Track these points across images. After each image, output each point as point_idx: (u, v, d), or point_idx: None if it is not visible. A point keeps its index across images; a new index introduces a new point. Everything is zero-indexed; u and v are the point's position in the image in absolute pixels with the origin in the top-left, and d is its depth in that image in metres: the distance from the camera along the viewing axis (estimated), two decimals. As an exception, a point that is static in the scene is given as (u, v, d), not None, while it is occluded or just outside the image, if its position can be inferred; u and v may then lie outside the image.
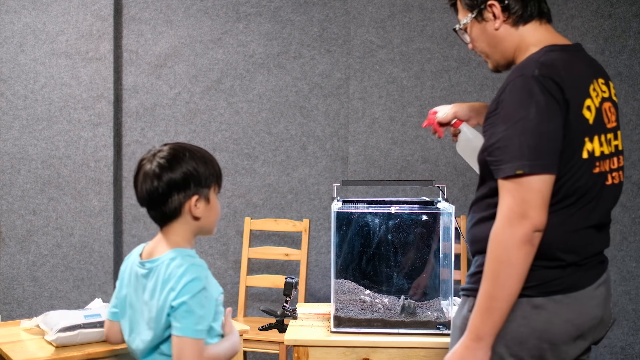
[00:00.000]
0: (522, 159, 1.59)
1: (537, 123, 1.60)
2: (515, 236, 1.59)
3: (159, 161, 1.82)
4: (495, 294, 1.61)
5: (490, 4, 1.78)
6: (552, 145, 1.61)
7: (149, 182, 1.81)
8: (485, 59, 1.90)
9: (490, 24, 1.80)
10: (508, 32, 1.79)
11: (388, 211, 2.45)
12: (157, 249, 1.88)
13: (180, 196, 1.81)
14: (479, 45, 1.86)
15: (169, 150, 1.84)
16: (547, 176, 1.60)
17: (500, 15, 1.78)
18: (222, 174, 1.93)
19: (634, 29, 3.62)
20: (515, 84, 1.65)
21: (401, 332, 2.30)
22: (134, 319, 1.89)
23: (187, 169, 1.82)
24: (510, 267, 1.60)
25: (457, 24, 1.87)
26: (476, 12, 1.80)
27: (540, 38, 1.77)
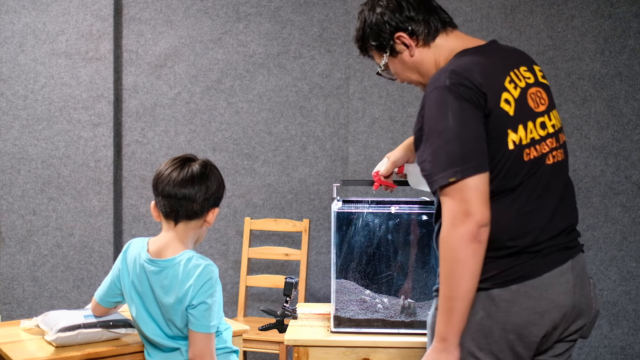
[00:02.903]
0: (452, 166, 1.64)
1: (458, 129, 1.65)
2: (461, 235, 1.62)
3: (210, 166, 2.06)
4: (451, 294, 1.65)
5: (398, 36, 1.85)
6: (477, 146, 1.66)
7: (199, 178, 2.01)
8: (416, 85, 1.95)
9: (405, 54, 1.87)
10: (423, 54, 1.86)
11: (388, 211, 2.45)
12: (169, 248, 2.03)
13: (212, 202, 2.04)
14: (405, 76, 1.93)
15: (210, 162, 2.10)
16: (480, 175, 1.65)
17: (411, 42, 1.85)
18: None
19: (634, 29, 3.62)
20: (431, 97, 1.70)
21: (401, 332, 2.30)
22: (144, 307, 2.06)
23: (223, 183, 2.10)
24: (461, 265, 1.64)
25: (378, 68, 1.95)
26: (388, 49, 1.88)
27: (452, 47, 1.84)
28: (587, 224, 3.65)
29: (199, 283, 1.96)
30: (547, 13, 3.66)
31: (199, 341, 1.96)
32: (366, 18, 1.90)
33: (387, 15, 1.86)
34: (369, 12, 1.90)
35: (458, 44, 1.85)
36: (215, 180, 2.05)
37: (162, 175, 2.02)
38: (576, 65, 3.64)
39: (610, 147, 3.60)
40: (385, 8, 1.87)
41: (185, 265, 1.98)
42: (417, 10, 1.86)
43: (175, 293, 1.97)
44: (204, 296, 1.96)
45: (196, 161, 2.06)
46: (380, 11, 1.87)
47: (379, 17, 1.87)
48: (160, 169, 2.05)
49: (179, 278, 1.97)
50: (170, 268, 1.99)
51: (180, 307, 1.98)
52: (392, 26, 1.85)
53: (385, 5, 1.87)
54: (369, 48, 1.94)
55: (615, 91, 3.62)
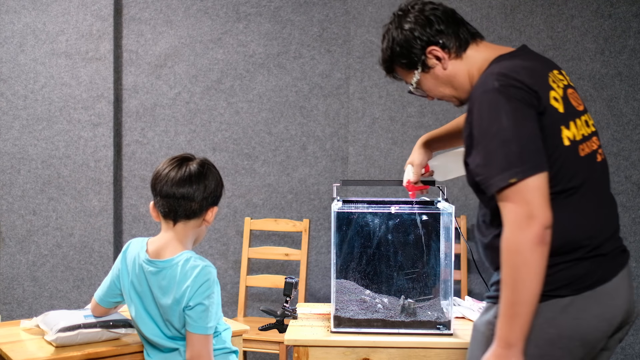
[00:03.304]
0: (511, 167, 1.61)
1: (514, 129, 1.62)
2: (528, 238, 1.59)
3: (208, 165, 2.05)
4: (517, 299, 1.61)
5: (430, 50, 1.84)
6: (535, 145, 1.63)
7: (197, 178, 2.00)
8: (449, 100, 1.93)
9: (438, 68, 1.85)
10: (456, 66, 1.85)
11: (388, 211, 2.45)
12: (168, 248, 2.03)
13: (211, 201, 2.03)
14: (438, 92, 1.91)
15: (209, 161, 2.08)
16: (540, 175, 1.61)
17: (443, 54, 1.84)
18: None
19: (634, 29, 3.62)
20: (481, 101, 1.68)
21: (401, 332, 2.30)
22: (143, 308, 2.06)
23: (222, 182, 2.08)
24: (528, 270, 1.60)
25: (410, 86, 1.92)
26: (420, 65, 1.87)
27: (485, 56, 1.84)
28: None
29: (197, 284, 1.95)
30: (547, 13, 3.66)
31: (196, 342, 1.96)
32: (394, 37, 1.89)
33: (418, 30, 1.84)
34: (397, 30, 1.88)
35: (490, 52, 1.85)
36: (214, 179, 2.04)
37: (160, 175, 2.02)
38: (576, 65, 3.64)
39: (610, 147, 3.60)
40: (414, 24, 1.85)
41: (183, 266, 1.98)
42: (446, 24, 1.85)
43: (173, 294, 1.97)
44: (201, 297, 1.95)
45: (194, 160, 2.05)
46: (409, 27, 1.85)
47: (408, 33, 1.85)
48: (158, 169, 2.04)
49: (177, 279, 1.97)
50: (169, 269, 1.99)
51: (177, 307, 1.97)
52: (423, 41, 1.84)
53: (413, 21, 1.86)
54: (398, 67, 1.92)
55: (615, 91, 3.62)
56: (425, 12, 1.86)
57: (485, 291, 3.62)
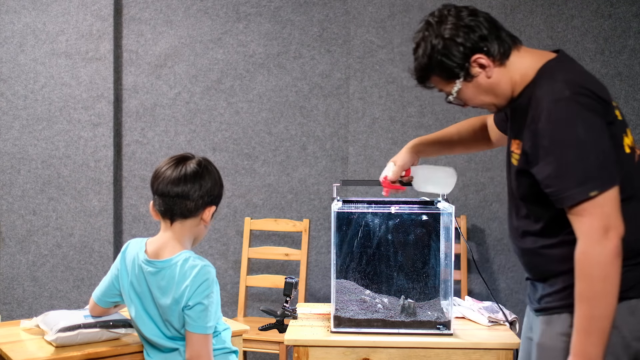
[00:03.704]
0: (590, 180, 1.59)
1: (590, 141, 1.60)
2: (608, 251, 1.58)
3: (205, 164, 2.04)
4: (597, 313, 1.60)
5: (475, 59, 1.74)
6: (611, 156, 1.62)
7: (193, 176, 2.00)
8: (485, 107, 1.87)
9: (481, 76, 1.76)
10: (500, 74, 1.76)
11: (388, 211, 2.45)
12: (167, 248, 2.02)
13: (208, 200, 2.02)
14: (478, 100, 1.82)
15: (207, 160, 2.07)
16: (616, 187, 1.61)
17: (489, 62, 1.75)
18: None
19: (634, 29, 3.62)
20: (553, 110, 1.63)
21: (401, 332, 2.30)
22: (142, 308, 2.06)
23: (221, 181, 2.08)
24: (607, 283, 1.59)
25: (449, 96, 1.82)
26: (463, 74, 1.76)
27: (528, 62, 1.78)
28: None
29: (196, 284, 1.95)
30: (547, 13, 3.66)
31: (195, 342, 1.96)
32: (434, 45, 1.75)
33: (461, 37, 1.73)
34: (436, 37, 1.74)
35: (533, 58, 1.78)
36: (210, 178, 2.03)
37: (158, 174, 2.02)
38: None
39: (610, 147, 3.60)
40: (455, 30, 1.74)
41: (182, 266, 1.98)
42: (488, 29, 1.76)
43: (172, 294, 1.97)
44: (200, 297, 1.95)
45: (192, 159, 2.05)
46: (450, 34, 1.73)
47: (450, 41, 1.73)
48: (157, 168, 2.05)
49: (176, 279, 1.97)
50: (168, 269, 1.99)
51: (177, 307, 1.97)
52: (467, 48, 1.73)
53: (454, 28, 1.74)
54: (436, 77, 1.80)
55: (615, 91, 3.62)
56: (465, 19, 1.75)
57: (485, 291, 3.62)
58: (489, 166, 3.70)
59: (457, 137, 2.27)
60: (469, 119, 2.29)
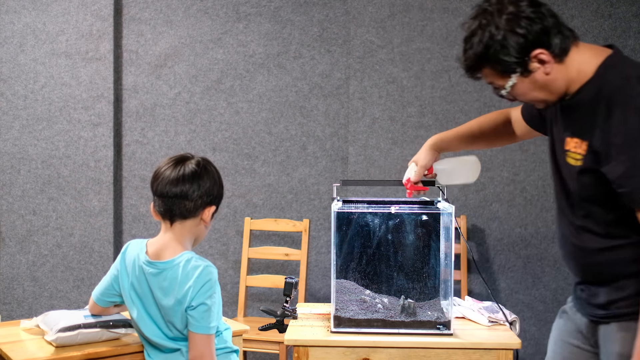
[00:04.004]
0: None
1: None
2: None
3: (204, 164, 2.04)
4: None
5: (536, 54, 1.65)
6: None
7: (191, 177, 1.99)
8: (535, 103, 1.80)
9: (539, 72, 1.67)
10: (558, 70, 1.68)
11: (388, 211, 2.45)
12: (168, 249, 2.02)
13: (207, 200, 2.02)
14: (531, 96, 1.73)
15: (207, 160, 2.08)
16: None
17: (550, 58, 1.66)
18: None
19: (634, 29, 3.62)
20: (628, 107, 1.57)
21: (401, 332, 2.30)
22: (144, 309, 2.06)
23: (220, 182, 2.07)
24: None
25: (501, 90, 1.73)
26: (520, 69, 1.66)
27: (586, 58, 1.70)
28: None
29: (198, 284, 1.96)
30: (547, 13, 3.66)
31: (198, 342, 1.96)
32: (492, 34, 1.64)
33: (522, 29, 1.63)
34: (496, 28, 1.64)
35: (592, 54, 1.70)
36: (210, 179, 2.03)
37: (157, 174, 2.02)
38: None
39: (610, 147, 3.60)
40: (517, 20, 1.64)
41: (184, 267, 1.98)
42: (551, 22, 1.67)
43: (174, 295, 1.97)
44: (203, 297, 1.96)
45: (191, 159, 2.05)
46: (511, 26, 1.63)
47: (510, 33, 1.63)
48: (156, 169, 2.05)
49: (178, 279, 1.97)
50: (170, 270, 1.99)
51: (179, 308, 1.97)
52: (528, 42, 1.63)
53: (515, 18, 1.64)
54: (489, 69, 1.70)
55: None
56: (525, 10, 1.64)
57: (485, 291, 3.62)
58: (489, 166, 3.69)
59: (479, 131, 2.21)
60: (491, 113, 2.23)
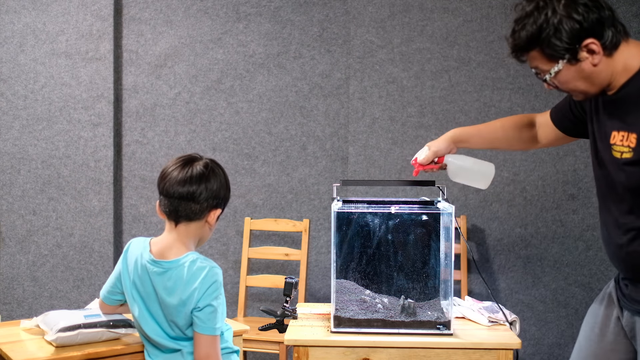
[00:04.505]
0: None
1: None
2: None
3: (212, 166, 2.03)
4: None
5: (588, 44, 1.67)
6: None
7: (199, 179, 1.98)
8: (574, 94, 1.81)
9: (587, 62, 1.69)
10: (606, 64, 1.70)
11: (388, 211, 2.45)
12: (172, 249, 2.02)
13: (213, 202, 2.02)
14: (572, 85, 1.75)
15: (215, 162, 2.08)
16: None
17: (600, 49, 1.68)
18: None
19: (634, 29, 3.62)
20: None
21: (401, 332, 2.30)
22: (146, 308, 2.05)
23: (227, 185, 2.07)
24: None
25: (545, 75, 1.75)
26: (569, 56, 1.68)
27: (633, 53, 1.72)
28: (588, 224, 3.64)
29: (205, 286, 1.96)
30: (547, 13, 3.66)
31: (204, 343, 1.97)
32: (548, 18, 1.65)
33: (580, 15, 1.64)
34: (553, 11, 1.66)
35: (638, 49, 1.72)
36: (217, 181, 2.02)
37: (165, 174, 2.02)
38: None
39: (610, 147, 3.60)
40: (575, 7, 1.65)
41: (189, 268, 1.98)
42: (610, 14, 1.68)
43: (179, 294, 1.97)
44: (209, 299, 1.96)
45: (200, 161, 2.04)
46: (569, 10, 1.65)
47: (567, 18, 1.65)
48: (164, 168, 2.04)
49: (184, 280, 1.97)
50: (174, 269, 1.99)
51: (183, 309, 1.97)
52: (583, 29, 1.65)
53: (573, 3, 1.65)
54: (538, 52, 1.71)
55: None
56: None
57: (485, 291, 3.62)
58: (489, 166, 3.69)
59: (502, 132, 2.22)
60: (514, 116, 2.25)
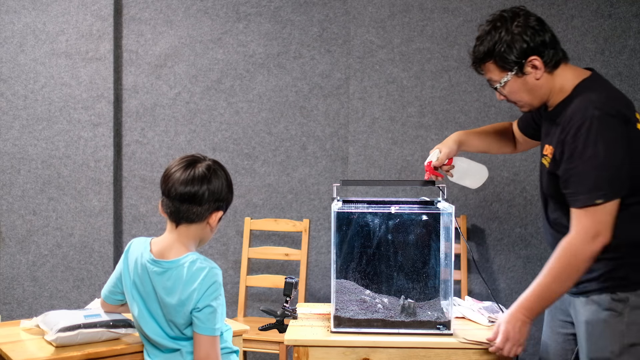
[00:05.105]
0: (599, 190, 1.89)
1: (606, 157, 1.88)
2: (590, 251, 1.92)
3: (214, 168, 2.02)
4: (558, 289, 1.98)
5: (532, 59, 1.99)
6: (621, 172, 1.91)
7: (201, 181, 1.98)
8: (518, 104, 2.11)
9: (531, 76, 2.02)
10: (546, 80, 2.03)
11: (388, 211, 2.45)
12: (172, 249, 2.02)
13: (215, 205, 2.01)
14: (518, 97, 2.07)
15: (218, 164, 2.04)
16: (617, 200, 1.91)
17: (542, 65, 2.00)
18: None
19: (634, 29, 3.62)
20: (581, 125, 1.91)
21: (401, 332, 2.30)
22: (145, 307, 2.05)
23: (230, 187, 2.06)
24: (577, 273, 1.95)
25: (497, 84, 2.07)
26: (516, 69, 2.01)
27: (568, 77, 2.04)
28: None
29: (204, 286, 1.96)
30: (547, 13, 3.66)
31: (204, 344, 1.97)
32: (502, 36, 1.99)
33: (527, 36, 1.98)
34: (507, 31, 1.99)
35: (572, 74, 2.05)
36: (219, 184, 2.01)
37: (167, 175, 2.01)
38: (576, 65, 3.63)
39: (610, 147, 3.60)
40: (524, 29, 1.99)
41: (189, 268, 1.98)
42: (551, 38, 2.01)
43: (178, 295, 1.97)
44: (209, 299, 1.96)
45: (203, 162, 2.03)
46: (518, 32, 1.98)
47: (517, 37, 1.98)
48: (167, 167, 2.04)
49: (183, 280, 1.97)
50: (174, 269, 1.99)
51: (182, 309, 1.97)
52: (529, 47, 1.98)
53: (522, 27, 1.99)
54: (492, 64, 2.03)
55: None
56: (531, 22, 2.00)
57: (485, 291, 3.62)
58: (488, 166, 3.68)
59: (494, 137, 2.49)
60: (502, 123, 2.54)
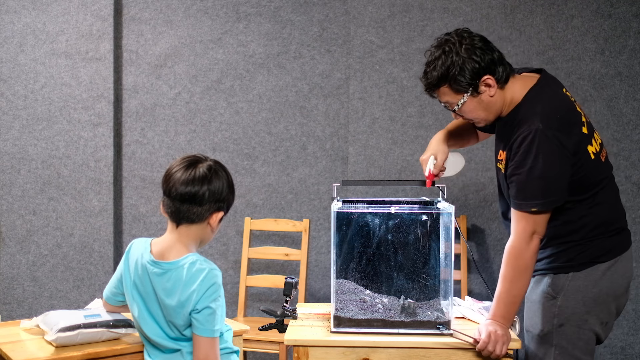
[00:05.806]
0: (535, 199, 2.05)
1: (543, 169, 2.02)
2: (531, 249, 2.09)
3: (215, 169, 2.02)
4: (516, 291, 2.12)
5: (485, 79, 2.09)
6: (559, 184, 2.06)
7: (201, 182, 1.98)
8: (475, 120, 2.22)
9: (485, 94, 2.11)
10: (499, 95, 2.13)
11: (388, 211, 2.45)
12: (172, 250, 2.02)
13: (215, 205, 2.00)
14: (475, 114, 2.17)
15: (219, 165, 2.06)
16: (550, 210, 2.08)
17: (495, 83, 2.10)
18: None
19: (634, 29, 3.62)
20: (524, 138, 2.04)
21: (401, 332, 2.30)
22: (145, 308, 2.05)
23: (231, 187, 2.06)
24: (527, 270, 2.10)
25: (454, 107, 2.15)
26: (471, 89, 2.10)
27: (517, 87, 2.14)
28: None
29: (203, 288, 1.95)
30: (547, 13, 3.66)
31: (203, 345, 1.96)
32: (453, 60, 2.06)
33: (478, 57, 2.06)
34: (456, 54, 2.06)
35: (520, 84, 2.14)
36: (220, 184, 2.00)
37: (169, 174, 2.00)
38: (576, 65, 3.64)
39: (610, 147, 3.60)
40: (473, 49, 2.07)
41: (189, 269, 1.97)
42: (498, 55, 2.11)
43: (177, 296, 1.97)
44: (208, 301, 1.95)
45: (204, 163, 2.02)
46: (469, 53, 2.07)
47: (468, 59, 2.06)
48: (168, 168, 2.03)
49: (183, 281, 1.97)
50: (174, 270, 1.99)
51: (182, 310, 1.97)
52: (481, 67, 2.07)
53: (471, 50, 2.07)
54: (447, 88, 2.11)
55: (615, 91, 3.62)
56: (477, 43, 2.09)
57: (485, 291, 3.62)
58: (488, 166, 3.70)
59: (466, 133, 2.55)
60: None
